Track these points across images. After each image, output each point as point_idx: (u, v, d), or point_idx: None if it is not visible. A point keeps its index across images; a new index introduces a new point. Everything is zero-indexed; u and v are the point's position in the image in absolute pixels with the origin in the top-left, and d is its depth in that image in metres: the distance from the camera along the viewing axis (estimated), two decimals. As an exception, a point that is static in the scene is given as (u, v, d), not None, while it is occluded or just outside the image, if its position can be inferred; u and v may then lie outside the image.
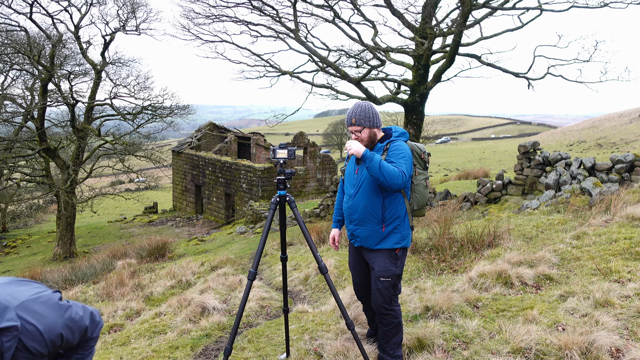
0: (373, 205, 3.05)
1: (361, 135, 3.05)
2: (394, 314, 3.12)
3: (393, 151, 3.02)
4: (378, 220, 3.06)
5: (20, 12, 19.96)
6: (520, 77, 14.97)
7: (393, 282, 3.08)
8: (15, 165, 21.35)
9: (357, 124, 3.03)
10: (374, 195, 3.05)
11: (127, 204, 34.81)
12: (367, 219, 3.08)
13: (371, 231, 3.08)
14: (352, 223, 3.16)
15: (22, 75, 22.66)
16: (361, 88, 14.54)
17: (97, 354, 4.34)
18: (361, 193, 3.08)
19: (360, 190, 3.09)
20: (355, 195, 3.12)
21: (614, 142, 43.76)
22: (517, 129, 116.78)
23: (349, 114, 3.08)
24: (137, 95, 23.28)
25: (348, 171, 3.26)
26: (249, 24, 14.82)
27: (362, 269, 3.33)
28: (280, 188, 3.08)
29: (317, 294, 5.71)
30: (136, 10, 22.13)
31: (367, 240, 3.10)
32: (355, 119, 3.03)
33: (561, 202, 8.88)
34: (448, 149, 73.58)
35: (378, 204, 3.05)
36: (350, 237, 3.25)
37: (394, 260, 3.09)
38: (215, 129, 34.40)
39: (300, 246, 8.85)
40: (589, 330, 3.12)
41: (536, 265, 4.74)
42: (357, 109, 3.05)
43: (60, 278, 10.66)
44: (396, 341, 3.18)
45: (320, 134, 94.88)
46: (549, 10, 12.88)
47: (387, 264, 3.07)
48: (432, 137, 72.24)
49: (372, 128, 3.05)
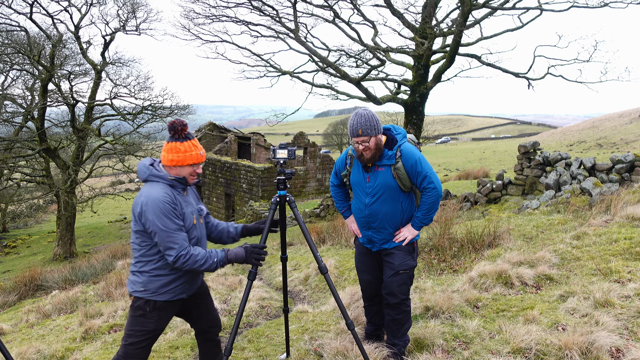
0: (394, 210, 3.15)
1: (369, 145, 3.03)
2: (408, 302, 3.26)
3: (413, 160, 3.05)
4: (398, 224, 3.18)
5: (20, 12, 19.97)
6: (521, 77, 14.98)
7: (411, 273, 3.23)
8: (16, 165, 21.36)
9: (365, 134, 3.00)
10: (393, 201, 3.14)
11: (127, 204, 34.80)
12: (387, 225, 3.17)
13: (390, 235, 3.20)
14: (370, 230, 3.22)
15: (22, 75, 22.68)
16: (361, 88, 14.54)
17: (98, 354, 4.34)
18: (381, 201, 3.13)
19: (379, 199, 3.13)
20: (373, 203, 3.15)
21: (614, 142, 43.76)
22: (517, 129, 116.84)
23: (353, 125, 3.02)
24: (137, 95, 23.29)
25: (356, 180, 3.23)
26: (249, 24, 14.84)
27: (374, 267, 3.39)
28: (280, 188, 3.07)
29: (317, 294, 5.71)
30: (136, 10, 22.15)
31: (387, 242, 3.21)
32: (362, 130, 2.99)
33: (561, 202, 8.88)
34: (448, 149, 73.61)
35: (398, 209, 3.16)
36: (367, 242, 3.31)
37: (411, 253, 3.23)
38: (215, 129, 34.39)
39: (300, 246, 8.85)
40: (589, 331, 3.12)
41: (536, 265, 4.74)
42: (361, 119, 3.00)
43: (60, 278, 10.66)
44: (407, 327, 3.31)
45: (320, 134, 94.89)
46: (549, 10, 12.89)
47: (406, 259, 3.19)
48: (432, 137, 72.27)
49: (377, 135, 3.05)
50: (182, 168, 2.64)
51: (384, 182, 3.09)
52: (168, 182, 2.61)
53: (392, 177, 3.08)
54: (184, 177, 2.66)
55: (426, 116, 15.19)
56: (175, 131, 2.60)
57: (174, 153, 2.61)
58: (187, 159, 2.62)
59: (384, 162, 3.10)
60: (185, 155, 2.61)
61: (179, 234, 2.53)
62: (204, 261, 2.55)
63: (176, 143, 2.61)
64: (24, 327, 6.46)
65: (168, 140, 2.64)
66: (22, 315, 7.24)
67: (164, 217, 2.49)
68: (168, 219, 2.50)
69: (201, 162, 2.67)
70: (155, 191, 2.54)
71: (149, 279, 2.65)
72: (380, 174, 3.11)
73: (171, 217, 2.51)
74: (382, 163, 3.10)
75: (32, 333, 6.00)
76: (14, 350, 4.70)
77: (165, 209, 2.50)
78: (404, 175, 3.07)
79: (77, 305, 7.28)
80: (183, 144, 2.61)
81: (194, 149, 2.64)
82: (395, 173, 3.07)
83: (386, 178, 3.09)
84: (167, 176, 2.62)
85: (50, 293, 9.15)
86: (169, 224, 2.50)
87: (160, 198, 2.51)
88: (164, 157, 2.65)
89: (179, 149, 2.61)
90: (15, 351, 4.65)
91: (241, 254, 2.66)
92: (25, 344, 5.14)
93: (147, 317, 2.67)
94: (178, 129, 2.60)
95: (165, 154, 2.64)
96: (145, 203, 2.51)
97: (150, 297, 2.66)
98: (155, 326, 2.71)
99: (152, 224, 2.49)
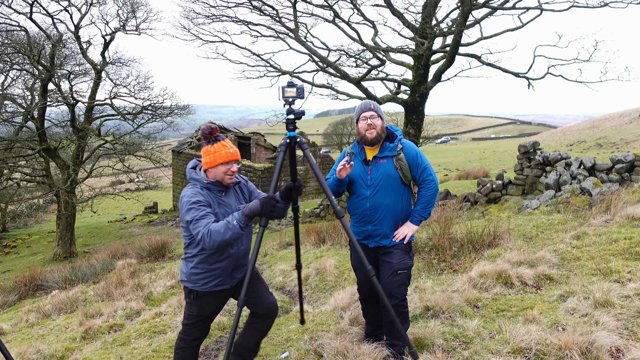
0: (395, 203, 3.18)
1: (376, 122, 3.14)
2: (405, 303, 3.27)
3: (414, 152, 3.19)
4: (398, 217, 3.20)
5: (20, 12, 19.95)
6: (521, 77, 14.98)
7: (408, 273, 3.24)
8: (15, 165, 21.35)
9: (375, 110, 3.16)
10: (394, 193, 3.17)
11: (127, 204, 34.82)
12: (388, 217, 3.18)
13: (390, 229, 3.20)
14: (371, 223, 3.22)
15: (22, 75, 22.66)
16: (361, 88, 14.55)
17: (98, 354, 4.34)
18: (381, 193, 3.16)
19: (379, 190, 3.16)
20: (374, 195, 3.17)
21: (614, 142, 43.74)
22: (517, 129, 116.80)
23: (364, 104, 3.20)
24: (137, 95, 23.29)
25: (356, 173, 3.24)
26: (249, 24, 14.84)
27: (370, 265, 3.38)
28: (289, 129, 2.91)
29: (317, 294, 5.70)
30: (136, 10, 22.14)
31: (386, 238, 3.22)
32: (373, 105, 3.17)
33: (561, 202, 8.88)
34: (448, 149, 73.60)
35: (399, 202, 3.19)
36: (365, 238, 3.29)
37: (408, 253, 3.25)
38: (215, 129, 34.32)
39: (300, 246, 8.84)
40: (589, 330, 3.12)
41: (536, 265, 4.74)
42: (371, 102, 3.20)
43: (60, 278, 10.66)
44: (406, 327, 3.32)
45: (320, 134, 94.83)
46: (549, 10, 12.89)
47: (403, 258, 3.20)
48: (432, 137, 72.30)
49: (382, 120, 3.20)
50: (216, 169, 2.83)
51: (386, 173, 3.14)
52: (203, 185, 2.84)
53: (395, 168, 3.15)
54: (219, 181, 2.86)
55: (426, 116, 15.19)
56: (205, 136, 2.83)
57: (207, 156, 2.85)
58: (217, 158, 2.81)
59: (385, 154, 3.16)
60: (216, 156, 2.81)
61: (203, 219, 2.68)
62: (224, 229, 2.63)
63: (207, 146, 2.85)
64: (24, 327, 6.46)
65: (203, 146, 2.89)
66: (22, 315, 7.24)
67: (189, 211, 2.71)
68: (193, 211, 2.70)
69: (232, 160, 2.83)
70: (187, 191, 2.81)
71: (191, 270, 2.91)
72: (381, 165, 3.16)
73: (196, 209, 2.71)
74: (384, 155, 3.16)
75: (32, 333, 6.00)
76: (14, 350, 4.70)
77: (190, 203, 2.72)
78: (405, 166, 3.15)
79: (77, 305, 7.28)
80: (213, 146, 2.84)
81: (223, 148, 2.83)
82: (398, 164, 3.14)
83: (388, 169, 3.15)
84: (203, 180, 2.85)
85: (50, 293, 9.15)
86: (195, 214, 2.69)
87: (189, 195, 2.76)
88: (203, 162, 2.89)
89: (210, 151, 2.83)
90: (15, 351, 4.66)
91: (256, 207, 2.68)
92: (25, 343, 5.13)
93: (191, 303, 2.96)
94: (206, 134, 2.82)
95: (202, 158, 2.89)
96: (180, 201, 2.82)
97: (192, 287, 2.93)
98: (199, 312, 2.96)
99: (182, 218, 2.76)
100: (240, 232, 2.65)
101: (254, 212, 2.68)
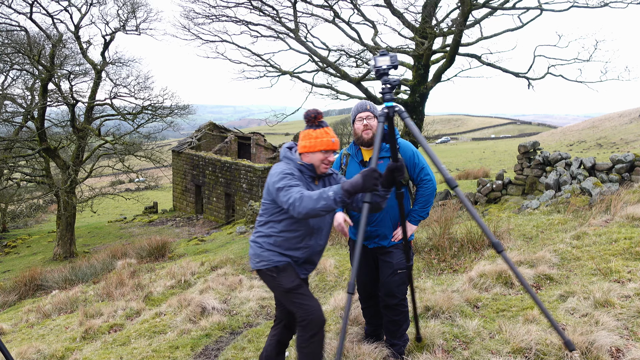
0: (394, 203, 3.14)
1: (372, 122, 3.14)
2: (405, 303, 3.26)
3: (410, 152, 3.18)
4: (396, 218, 3.19)
5: (20, 12, 19.96)
6: (520, 77, 14.97)
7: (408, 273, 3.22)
8: (15, 165, 21.36)
9: (371, 111, 3.16)
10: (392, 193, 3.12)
11: (127, 204, 34.79)
12: (386, 218, 3.18)
13: (389, 229, 3.20)
14: (370, 225, 3.21)
15: (22, 75, 22.68)
16: (361, 88, 14.54)
17: (98, 354, 4.34)
18: None
19: None
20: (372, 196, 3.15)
21: (614, 142, 43.73)
22: (517, 129, 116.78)
23: (360, 104, 3.20)
24: (137, 95, 23.30)
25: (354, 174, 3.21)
26: (249, 24, 14.83)
27: (370, 267, 3.38)
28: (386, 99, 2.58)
29: (317, 294, 5.71)
30: (136, 10, 22.15)
31: (385, 239, 3.21)
32: (369, 106, 3.17)
33: (561, 202, 8.88)
34: (448, 149, 73.59)
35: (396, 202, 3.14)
36: (365, 239, 3.26)
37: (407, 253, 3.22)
38: (215, 129, 34.38)
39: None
40: (589, 330, 3.12)
41: (536, 265, 4.74)
42: (367, 103, 3.21)
43: (60, 278, 10.67)
44: (405, 327, 3.32)
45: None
46: (549, 10, 12.88)
47: (403, 258, 3.19)
48: (432, 137, 72.32)
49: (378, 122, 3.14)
50: (313, 155, 2.76)
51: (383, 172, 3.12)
52: (296, 166, 2.77)
53: None
54: (313, 166, 2.77)
55: (426, 116, 15.18)
56: (309, 119, 2.76)
57: (306, 139, 2.76)
58: (318, 144, 2.73)
59: (382, 155, 3.15)
60: (317, 142, 2.73)
61: (296, 187, 2.58)
62: (318, 196, 2.43)
63: (309, 130, 2.77)
64: (24, 326, 6.47)
65: (304, 129, 2.82)
66: (22, 315, 7.24)
67: (282, 179, 2.62)
68: (287, 179, 2.62)
69: (332, 149, 2.76)
70: (281, 166, 2.75)
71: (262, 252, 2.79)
72: (379, 166, 3.14)
73: (289, 179, 2.62)
74: (381, 155, 3.15)
75: (32, 333, 6.00)
76: (14, 350, 4.70)
77: (284, 173, 2.65)
78: None
79: (77, 305, 7.29)
80: (316, 131, 2.76)
81: (326, 135, 2.75)
82: None
83: None
84: (297, 160, 2.78)
85: (50, 293, 9.16)
86: (288, 182, 2.60)
87: (282, 167, 2.71)
88: (299, 145, 2.80)
89: (311, 135, 2.76)
90: (15, 351, 4.66)
91: (357, 181, 2.38)
92: (25, 343, 5.14)
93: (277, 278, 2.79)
94: (311, 116, 2.75)
95: (300, 141, 2.80)
96: (270, 173, 2.75)
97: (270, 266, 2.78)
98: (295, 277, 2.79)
99: (272, 185, 2.66)
100: (333, 205, 2.40)
101: (354, 187, 2.37)
